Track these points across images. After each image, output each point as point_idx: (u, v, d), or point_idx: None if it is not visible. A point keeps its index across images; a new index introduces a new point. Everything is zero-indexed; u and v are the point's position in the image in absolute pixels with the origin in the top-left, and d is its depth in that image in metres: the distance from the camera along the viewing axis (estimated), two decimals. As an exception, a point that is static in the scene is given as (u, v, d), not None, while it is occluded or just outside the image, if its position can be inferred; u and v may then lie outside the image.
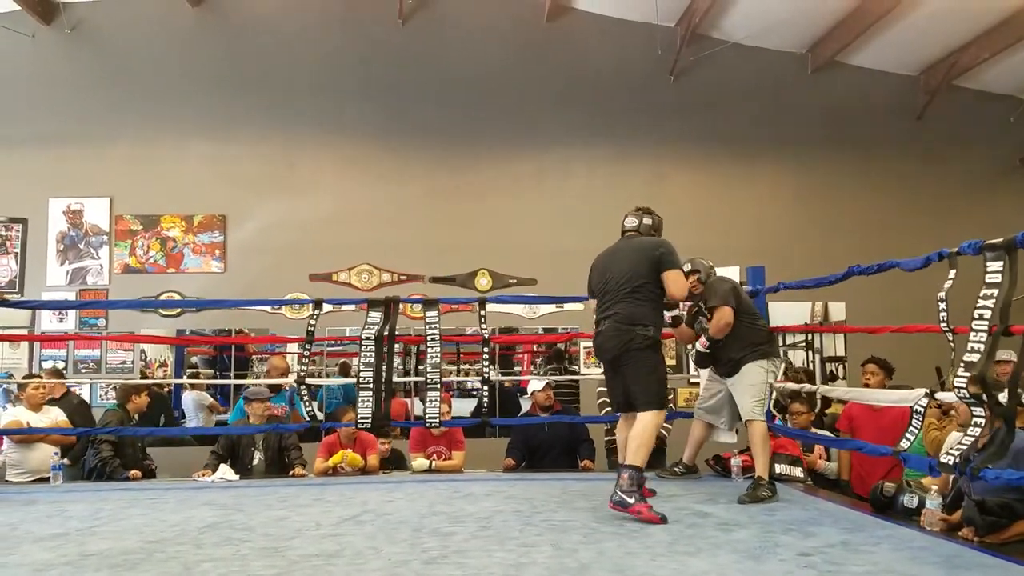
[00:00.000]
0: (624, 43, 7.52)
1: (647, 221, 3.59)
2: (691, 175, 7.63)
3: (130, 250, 7.08)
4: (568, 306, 7.23)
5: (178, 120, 7.18)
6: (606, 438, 5.22)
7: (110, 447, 4.51)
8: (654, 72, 7.55)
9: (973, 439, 2.75)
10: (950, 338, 2.90)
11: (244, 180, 7.17)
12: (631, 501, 3.07)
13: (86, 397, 6.52)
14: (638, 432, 3.24)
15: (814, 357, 7.94)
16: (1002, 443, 2.65)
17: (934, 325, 2.97)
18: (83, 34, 7.19)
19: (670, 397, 5.08)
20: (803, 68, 7.73)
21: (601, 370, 6.94)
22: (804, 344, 8.02)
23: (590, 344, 7.20)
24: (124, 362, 6.99)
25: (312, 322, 4.24)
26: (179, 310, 6.97)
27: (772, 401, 5.25)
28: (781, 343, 7.91)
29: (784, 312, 7.22)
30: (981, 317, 2.61)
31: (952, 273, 2.91)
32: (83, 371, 6.93)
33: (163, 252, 7.09)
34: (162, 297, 6.90)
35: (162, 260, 7.08)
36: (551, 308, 7.27)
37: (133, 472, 4.52)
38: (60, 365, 6.75)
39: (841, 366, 7.59)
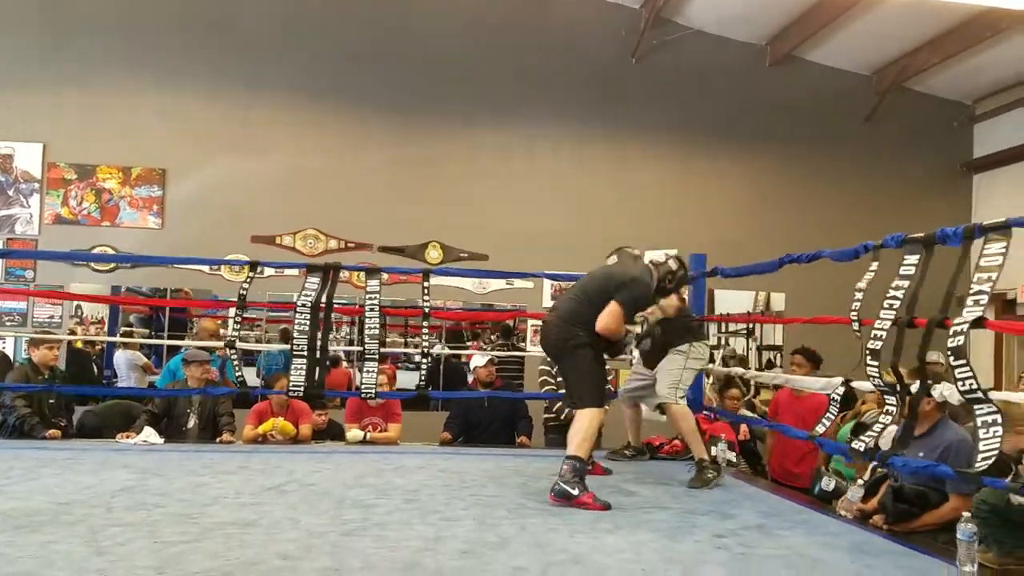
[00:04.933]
0: (588, 21, 7.45)
1: (654, 264, 3.48)
2: (650, 160, 7.64)
3: (63, 200, 6.75)
4: (518, 283, 7.22)
5: (122, 64, 6.81)
6: (544, 415, 5.25)
7: (24, 402, 4.32)
8: (617, 54, 7.50)
9: (883, 426, 2.84)
10: (855, 327, 2.97)
11: (189, 133, 6.88)
12: (575, 493, 2.99)
13: (10, 352, 6.26)
14: (578, 430, 3.19)
15: (751, 345, 8.13)
16: (906, 432, 2.76)
17: (845, 317, 3.05)
18: (20, -34, 6.75)
19: (610, 378, 5.16)
20: (762, 60, 7.78)
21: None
22: (745, 332, 8.21)
23: (537, 323, 7.34)
24: (52, 317, 6.70)
25: (245, 285, 4.12)
26: (112, 265, 6.70)
27: (709, 385, 5.37)
28: (724, 329, 8.12)
29: (731, 299, 7.40)
30: (890, 307, 2.70)
31: (874, 266, 2.98)
32: (8, 324, 6.62)
33: (98, 204, 6.78)
34: (95, 251, 6.62)
35: (96, 212, 6.77)
36: (501, 284, 7.24)
37: (52, 432, 4.34)
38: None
39: (779, 354, 7.79)
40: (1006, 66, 7.29)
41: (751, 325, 8.08)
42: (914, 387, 2.68)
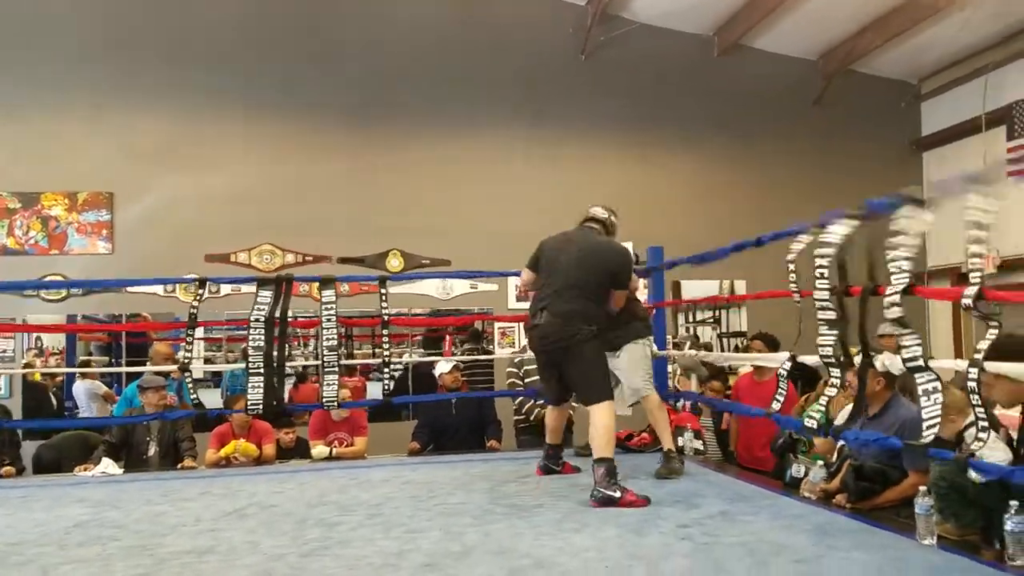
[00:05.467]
0: (536, 21, 7.43)
1: (614, 220, 3.78)
2: (607, 157, 7.61)
3: (8, 230, 6.55)
4: (482, 287, 7.19)
5: (61, 86, 6.60)
6: (515, 417, 5.22)
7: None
8: (567, 52, 7.51)
9: (828, 399, 2.88)
10: (796, 299, 3.04)
11: (134, 153, 6.69)
12: (617, 495, 3.02)
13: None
14: (599, 428, 3.23)
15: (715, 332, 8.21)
16: (857, 406, 2.79)
17: (786, 291, 3.10)
18: (-51, -11, 6.53)
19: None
20: (710, 51, 7.85)
21: (511, 350, 7.00)
22: (712, 320, 8.27)
23: (503, 325, 7.32)
24: (4, 351, 6.49)
25: (195, 303, 4.02)
26: (63, 294, 6.51)
27: (676, 377, 5.39)
28: (692, 319, 8.18)
29: (696, 289, 7.46)
30: (822, 276, 2.73)
31: (802, 238, 3.02)
32: (-42, 362, 6.41)
33: (44, 232, 6.58)
34: (44, 280, 6.42)
35: (44, 241, 6.57)
36: (465, 289, 7.20)
37: (6, 470, 4.20)
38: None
39: (744, 340, 7.86)
40: (946, 44, 7.44)
41: (716, 314, 8.15)
42: (858, 359, 2.71)
